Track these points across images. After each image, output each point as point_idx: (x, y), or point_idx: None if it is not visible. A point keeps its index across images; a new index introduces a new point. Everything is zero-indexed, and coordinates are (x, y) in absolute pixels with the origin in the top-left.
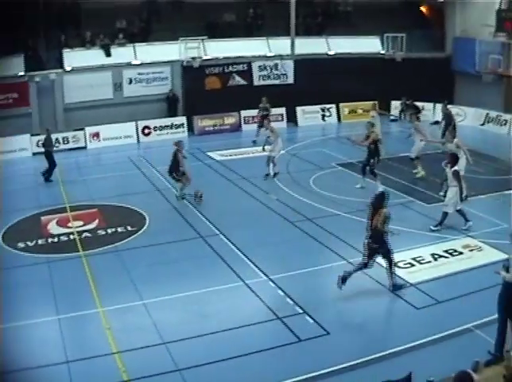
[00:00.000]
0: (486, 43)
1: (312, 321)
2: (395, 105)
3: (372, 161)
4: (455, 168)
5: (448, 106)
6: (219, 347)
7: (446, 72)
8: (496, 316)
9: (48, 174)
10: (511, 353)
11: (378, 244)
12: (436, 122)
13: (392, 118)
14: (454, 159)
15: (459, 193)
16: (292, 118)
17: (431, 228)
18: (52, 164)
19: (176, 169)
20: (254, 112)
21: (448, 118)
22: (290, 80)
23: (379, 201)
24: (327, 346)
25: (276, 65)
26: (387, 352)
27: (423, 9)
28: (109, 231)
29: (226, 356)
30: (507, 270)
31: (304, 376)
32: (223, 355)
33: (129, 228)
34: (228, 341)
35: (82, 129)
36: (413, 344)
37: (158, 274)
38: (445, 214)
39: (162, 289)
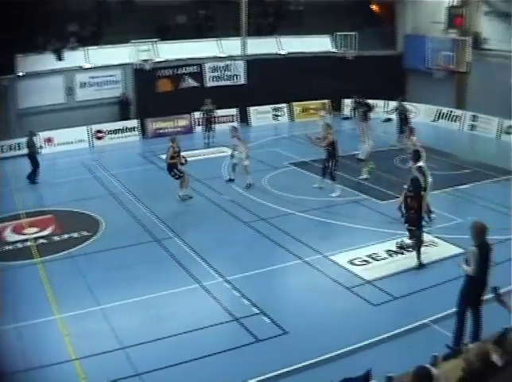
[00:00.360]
0: (436, 40)
1: (269, 321)
2: (347, 103)
3: (329, 163)
4: (419, 164)
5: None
6: (178, 350)
7: (397, 69)
8: (453, 310)
9: (33, 176)
10: (469, 346)
11: (415, 226)
12: (388, 120)
13: (344, 116)
14: (416, 155)
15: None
16: (244, 119)
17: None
18: (35, 165)
19: (175, 166)
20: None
21: (403, 114)
22: (242, 81)
23: (419, 186)
24: (285, 346)
25: (227, 66)
26: (345, 350)
27: (374, 7)
28: (64, 236)
29: (185, 358)
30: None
31: (264, 376)
32: (182, 358)
33: (84, 234)
34: (187, 343)
35: (35, 134)
36: (370, 340)
37: (115, 278)
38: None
39: (119, 293)
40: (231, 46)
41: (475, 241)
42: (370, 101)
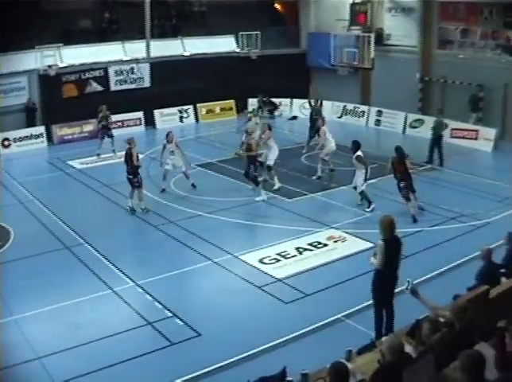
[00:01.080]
0: (340, 37)
1: (182, 323)
2: (252, 102)
3: (251, 166)
4: (358, 153)
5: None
6: (94, 357)
7: (302, 67)
8: (365, 304)
9: None
10: (383, 339)
11: (409, 181)
12: (294, 118)
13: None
14: (355, 146)
15: (365, 175)
16: (150, 122)
17: (365, 210)
18: None
19: (135, 171)
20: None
21: (319, 112)
22: (147, 83)
23: (403, 156)
24: (200, 347)
25: (132, 69)
26: (260, 349)
27: (277, 6)
28: None
29: (102, 365)
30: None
31: (181, 379)
32: (99, 365)
33: None
34: (102, 350)
35: None
36: (284, 338)
37: (27, 288)
38: (362, 193)
39: (32, 303)
40: (136, 49)
41: (384, 235)
42: (275, 99)
